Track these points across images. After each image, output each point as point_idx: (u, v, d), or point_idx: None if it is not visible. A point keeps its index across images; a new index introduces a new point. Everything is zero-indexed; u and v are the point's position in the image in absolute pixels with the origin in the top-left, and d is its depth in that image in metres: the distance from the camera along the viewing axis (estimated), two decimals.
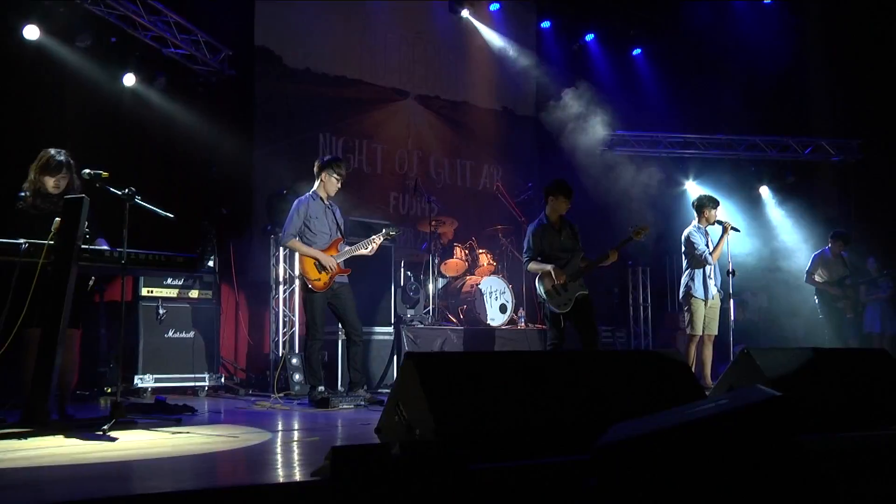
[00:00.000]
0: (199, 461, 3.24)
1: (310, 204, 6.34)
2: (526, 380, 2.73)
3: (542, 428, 2.58)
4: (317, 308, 6.20)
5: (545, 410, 2.68)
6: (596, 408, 2.73)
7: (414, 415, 2.58)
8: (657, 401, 2.76)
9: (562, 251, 6.26)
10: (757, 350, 3.54)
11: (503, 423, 2.57)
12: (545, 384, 2.74)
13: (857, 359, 4.13)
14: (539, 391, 2.72)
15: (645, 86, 12.42)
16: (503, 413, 2.60)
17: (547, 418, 2.65)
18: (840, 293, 9.01)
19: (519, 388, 2.70)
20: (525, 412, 2.64)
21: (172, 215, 4.90)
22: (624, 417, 2.46)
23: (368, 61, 11.01)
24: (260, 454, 3.45)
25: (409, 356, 2.67)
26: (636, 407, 2.66)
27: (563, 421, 2.64)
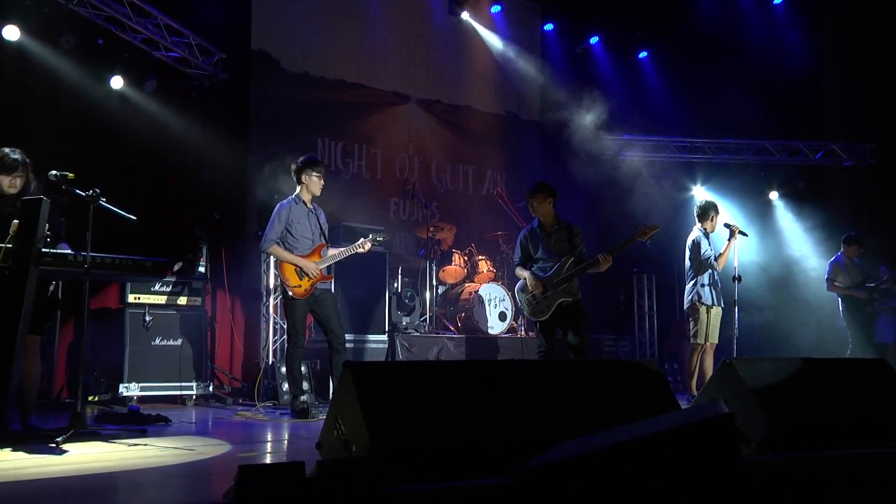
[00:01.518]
0: (126, 478, 3.08)
1: (292, 208, 6.16)
2: (475, 392, 2.52)
3: (491, 445, 2.36)
4: (297, 315, 6.01)
5: (495, 426, 2.47)
6: (551, 423, 2.51)
7: (351, 429, 2.37)
8: (623, 414, 2.54)
9: (550, 255, 6.02)
10: (740, 360, 3.30)
11: (447, 439, 2.35)
12: (497, 397, 2.53)
13: (854, 369, 3.87)
14: (490, 405, 2.50)
15: (651, 89, 12.17)
16: (448, 429, 2.38)
17: (497, 434, 2.43)
18: (867, 296, 8.67)
19: (467, 402, 2.49)
20: (472, 428, 2.43)
21: (135, 217, 4.72)
22: (582, 433, 2.25)
23: (368, 65, 10.84)
24: (194, 471, 3.26)
25: (346, 365, 2.47)
26: (598, 422, 2.43)
27: (515, 438, 2.43)
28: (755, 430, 3.11)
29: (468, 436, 2.40)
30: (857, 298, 8.61)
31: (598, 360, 5.09)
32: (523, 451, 2.20)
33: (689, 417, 1.75)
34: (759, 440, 3.09)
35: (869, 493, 3.32)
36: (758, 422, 3.10)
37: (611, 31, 12.00)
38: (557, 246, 6.04)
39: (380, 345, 8.16)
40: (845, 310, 8.69)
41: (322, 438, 2.59)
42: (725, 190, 11.89)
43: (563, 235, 6.07)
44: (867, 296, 8.58)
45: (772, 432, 3.08)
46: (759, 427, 3.10)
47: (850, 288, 8.67)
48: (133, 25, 7.64)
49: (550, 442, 2.15)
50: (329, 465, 1.95)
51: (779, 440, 3.14)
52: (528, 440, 2.36)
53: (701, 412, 1.86)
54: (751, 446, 3.11)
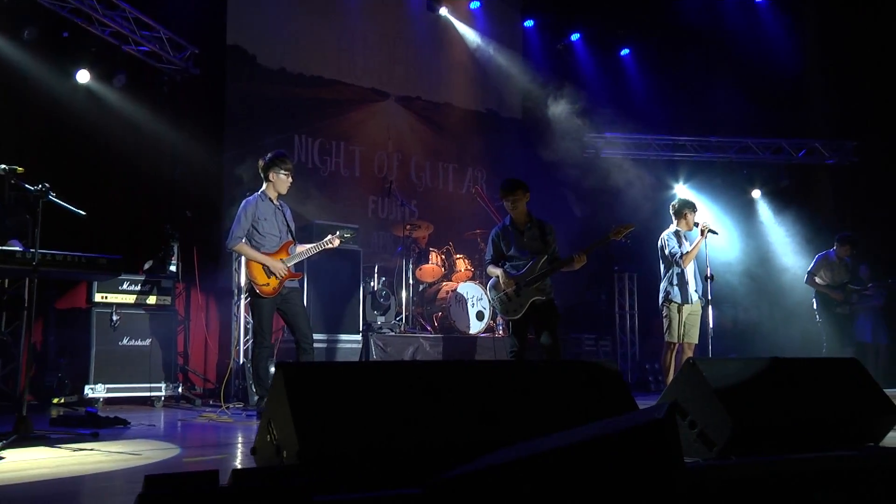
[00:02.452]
0: (48, 487, 2.90)
1: (258, 205, 6.01)
2: (417, 396, 2.38)
3: (431, 452, 2.23)
4: (264, 314, 5.86)
5: (437, 432, 2.33)
6: (497, 428, 2.37)
7: (282, 434, 2.23)
8: (575, 418, 2.41)
9: (523, 253, 5.88)
10: (704, 360, 3.17)
11: (384, 446, 2.22)
12: (440, 400, 2.39)
13: (824, 369, 3.75)
14: (432, 409, 2.36)
15: (634, 87, 12.08)
16: (385, 435, 2.24)
17: (438, 441, 2.30)
18: (841, 297, 8.59)
19: (407, 406, 2.35)
20: (412, 434, 2.29)
21: (84, 213, 4.54)
22: (529, 438, 2.11)
23: (346, 61, 10.70)
24: (122, 478, 3.10)
25: (278, 366, 2.33)
26: (547, 426, 2.30)
27: (457, 444, 2.29)
28: (718, 432, 2.98)
29: (407, 442, 2.26)
30: (831, 298, 8.55)
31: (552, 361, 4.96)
32: (464, 459, 2.06)
33: (622, 424, 1.62)
34: (722, 443, 2.96)
35: (840, 499, 3.20)
36: (721, 424, 2.97)
37: (592, 28, 11.90)
38: (530, 244, 5.91)
39: (353, 345, 8.02)
40: (819, 307, 8.65)
41: (256, 444, 2.45)
42: (708, 188, 11.81)
43: (535, 233, 5.93)
44: (841, 297, 8.49)
45: (736, 435, 2.95)
46: (722, 430, 2.97)
47: (827, 286, 8.58)
48: (100, 18, 7.47)
49: (494, 448, 2.02)
50: (245, 473, 1.80)
51: (743, 443, 3.02)
52: (470, 447, 2.22)
53: (638, 418, 1.73)
54: (714, 450, 2.98)
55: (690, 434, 3.06)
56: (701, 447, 3.02)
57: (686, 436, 3.08)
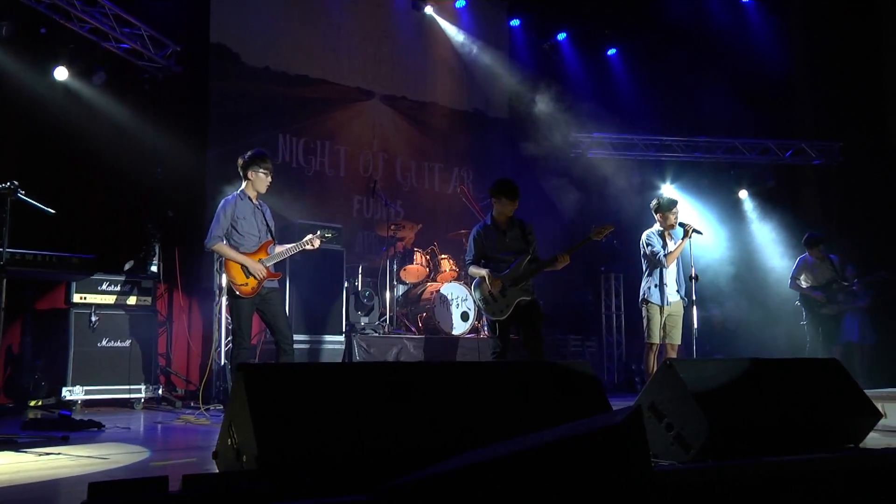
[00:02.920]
0: None
1: (237, 204, 5.93)
2: (384, 398, 2.32)
3: (396, 457, 2.16)
4: (243, 315, 5.77)
5: (403, 435, 2.26)
6: (465, 432, 2.31)
7: (243, 438, 2.16)
8: (545, 419, 2.34)
9: (506, 253, 5.82)
10: (681, 361, 3.12)
11: (348, 451, 2.15)
12: (407, 403, 2.32)
13: (804, 370, 3.70)
14: (398, 412, 2.30)
15: (620, 87, 12.05)
16: (349, 439, 2.18)
17: (404, 445, 2.23)
18: (823, 298, 8.57)
19: (373, 409, 2.28)
20: (377, 438, 2.22)
21: (54, 211, 4.46)
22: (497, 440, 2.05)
23: (331, 60, 10.61)
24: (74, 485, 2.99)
25: (239, 367, 2.26)
26: (516, 428, 2.24)
27: (423, 448, 2.23)
28: (695, 435, 2.92)
29: (371, 446, 2.20)
30: (814, 299, 8.55)
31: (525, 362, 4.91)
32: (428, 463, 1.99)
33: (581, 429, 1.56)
34: (698, 446, 2.91)
35: (817, 502, 3.15)
36: (698, 427, 2.92)
37: (579, 28, 11.86)
38: (513, 244, 5.85)
39: (336, 345, 7.95)
40: (803, 309, 8.68)
41: (218, 447, 2.38)
42: (695, 188, 11.79)
43: (517, 233, 5.88)
44: (823, 299, 8.49)
45: (712, 437, 2.90)
46: (699, 432, 2.91)
47: (810, 288, 8.60)
48: (79, 15, 7.36)
49: (461, 451, 1.96)
50: (196, 479, 1.74)
51: (720, 446, 2.96)
52: (436, 451, 2.16)
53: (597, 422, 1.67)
54: (690, 453, 2.92)
55: (667, 436, 3.01)
56: (678, 450, 2.97)
57: (663, 438, 3.03)
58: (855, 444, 3.72)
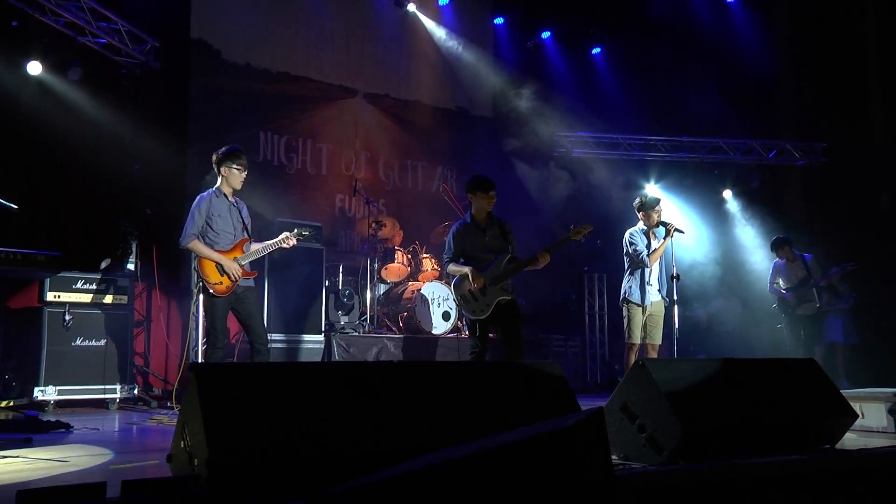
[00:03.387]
0: None
1: (212, 201, 5.83)
2: (342, 399, 2.24)
3: (353, 460, 2.09)
4: (217, 314, 5.68)
5: (361, 438, 2.19)
6: (425, 433, 2.23)
7: (195, 441, 2.09)
8: (510, 421, 2.27)
9: (485, 252, 5.76)
10: (654, 362, 3.06)
11: (302, 454, 2.07)
12: (367, 405, 2.25)
13: (780, 370, 3.65)
14: (357, 413, 2.22)
15: (605, 86, 12.01)
16: (304, 442, 2.10)
17: (361, 448, 2.16)
18: (794, 299, 8.60)
19: (330, 410, 2.21)
20: (333, 439, 2.15)
21: (16, 206, 4.35)
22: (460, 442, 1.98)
23: (314, 57, 10.52)
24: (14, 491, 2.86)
25: (191, 368, 2.18)
26: (480, 430, 2.17)
27: (381, 451, 2.15)
28: (667, 437, 2.86)
29: (329, 449, 2.12)
30: (786, 301, 8.62)
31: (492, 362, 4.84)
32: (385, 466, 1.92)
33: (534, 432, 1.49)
34: (670, 448, 2.85)
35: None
36: (670, 428, 2.86)
37: (563, 27, 11.81)
38: (492, 243, 5.78)
39: (316, 345, 7.87)
40: (779, 312, 8.76)
41: (172, 450, 2.30)
42: (679, 188, 11.78)
43: (497, 232, 5.81)
44: (794, 300, 8.54)
45: (685, 439, 2.84)
46: (671, 434, 2.85)
47: (787, 289, 8.65)
48: (53, 8, 7.24)
49: (420, 454, 1.89)
50: (135, 485, 1.65)
51: (693, 448, 2.90)
52: (396, 453, 2.09)
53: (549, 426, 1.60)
54: (662, 455, 2.86)
55: (640, 438, 2.95)
56: (650, 451, 2.91)
57: (635, 440, 2.97)
58: (831, 444, 3.68)
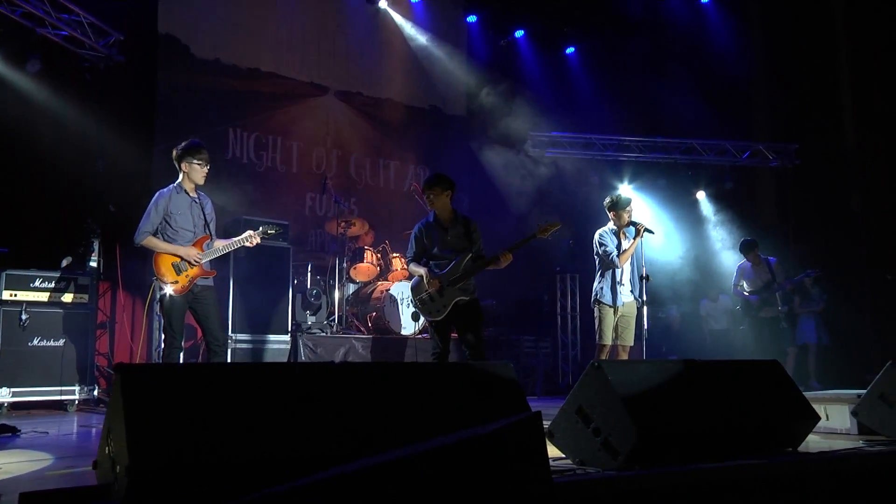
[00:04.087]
0: None
1: (172, 198, 5.67)
2: (278, 402, 2.13)
3: (286, 464, 1.98)
4: (174, 313, 5.52)
5: (294, 442, 2.08)
6: (366, 436, 2.13)
7: (119, 447, 1.97)
8: (456, 424, 2.18)
9: (447, 252, 5.65)
10: (610, 363, 2.97)
11: (233, 459, 1.96)
12: (304, 407, 2.14)
13: (742, 372, 3.58)
14: (293, 417, 2.11)
15: (579, 86, 11.96)
16: (236, 446, 1.99)
17: (294, 452, 2.05)
18: (759, 302, 8.58)
19: (264, 412, 2.10)
20: (267, 444, 2.04)
21: None
22: (400, 445, 1.88)
23: (285, 54, 10.39)
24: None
25: (115, 368, 2.07)
26: (422, 433, 2.07)
27: (317, 454, 2.05)
28: (622, 441, 2.78)
29: (261, 454, 2.01)
30: (749, 304, 8.60)
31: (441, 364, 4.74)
32: (320, 470, 1.81)
33: (463, 436, 1.40)
34: (626, 453, 2.76)
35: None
36: (625, 432, 2.77)
37: (537, 25, 11.74)
38: (454, 242, 5.67)
39: (282, 345, 7.73)
40: (743, 314, 8.76)
41: (98, 456, 2.18)
42: (653, 189, 11.76)
43: (460, 231, 5.70)
44: (758, 303, 8.54)
45: (641, 444, 2.75)
46: (626, 438, 2.77)
47: (751, 292, 8.63)
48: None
49: (357, 458, 1.78)
50: (33, 497, 1.54)
51: (650, 452, 2.82)
52: (331, 458, 1.98)
53: (477, 430, 1.51)
54: (617, 459, 2.78)
55: (594, 442, 2.86)
56: (605, 456, 2.82)
57: (590, 444, 2.89)
58: (793, 447, 3.62)
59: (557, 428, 2.99)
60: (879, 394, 4.31)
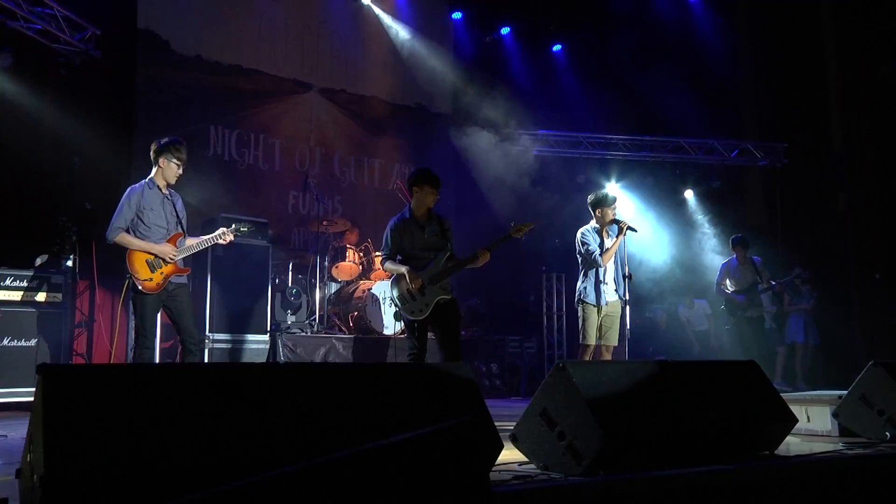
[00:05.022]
0: None
1: (144, 193, 5.55)
2: (211, 403, 2.01)
3: (218, 469, 1.86)
4: (147, 312, 5.40)
5: (232, 445, 1.96)
6: (308, 440, 2.01)
7: (37, 454, 1.85)
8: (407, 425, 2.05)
9: (425, 250, 5.52)
10: (576, 363, 2.85)
11: (161, 467, 1.84)
12: (240, 409, 2.02)
13: (717, 373, 3.47)
14: (229, 419, 1.99)
15: (566, 83, 11.85)
16: (165, 453, 1.87)
17: (232, 456, 1.93)
18: (745, 302, 8.40)
19: (198, 416, 1.98)
20: (201, 449, 1.92)
21: None
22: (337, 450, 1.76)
23: (267, 50, 10.25)
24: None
25: (38, 369, 1.95)
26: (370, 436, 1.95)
27: (252, 459, 1.93)
28: (588, 445, 2.66)
29: (194, 461, 1.89)
30: (735, 303, 8.40)
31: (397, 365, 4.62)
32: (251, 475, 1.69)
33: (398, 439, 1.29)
34: (590, 457, 2.64)
35: None
36: (591, 436, 2.65)
37: (523, 23, 11.62)
38: (431, 240, 5.55)
39: (260, 345, 7.62)
40: (728, 314, 8.57)
41: (21, 464, 2.06)
42: (640, 187, 11.66)
43: (436, 229, 5.58)
44: (745, 302, 8.35)
45: (607, 448, 2.64)
46: (591, 442, 2.65)
47: (734, 292, 8.47)
48: None
49: (296, 462, 1.67)
50: None
51: (616, 457, 2.71)
52: (271, 462, 1.87)
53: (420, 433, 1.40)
54: (582, 465, 2.66)
55: (559, 446, 2.74)
56: (570, 461, 2.70)
57: (554, 448, 2.77)
58: (770, 450, 3.51)
59: (521, 431, 2.88)
60: (860, 395, 4.21)
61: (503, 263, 10.41)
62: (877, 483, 3.31)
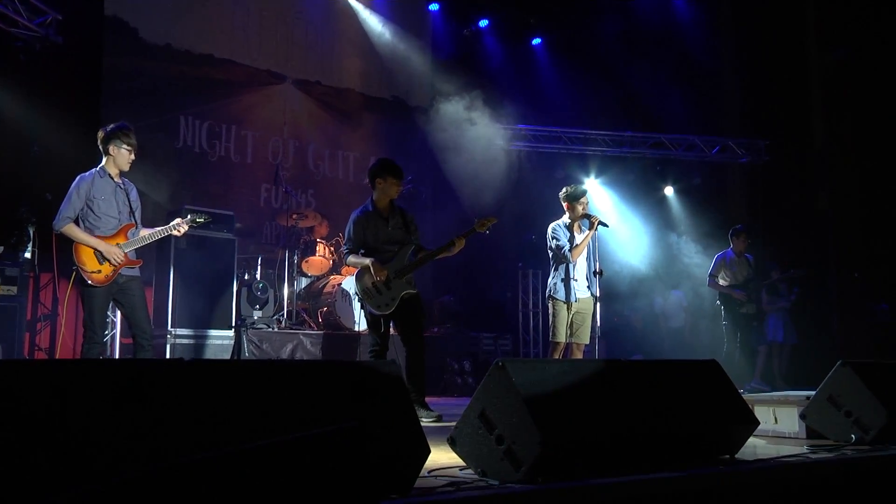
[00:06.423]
0: None
1: (94, 181, 5.32)
2: (122, 400, 1.83)
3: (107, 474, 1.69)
4: (95, 306, 5.19)
5: (120, 448, 1.78)
6: (210, 441, 1.82)
7: None
8: (319, 425, 1.87)
9: (388, 243, 5.36)
10: (516, 362, 2.68)
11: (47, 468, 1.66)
12: (150, 407, 1.84)
13: (676, 373, 3.30)
14: (141, 416, 1.82)
15: (545, 78, 11.68)
16: (43, 451, 1.69)
17: (119, 459, 1.75)
18: (745, 297, 8.10)
19: (107, 413, 1.79)
20: (86, 453, 1.74)
21: None
22: None
23: (240, 40, 10.05)
24: None
25: None
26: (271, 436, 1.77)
27: (140, 459, 1.75)
28: (527, 450, 2.49)
29: (73, 462, 1.71)
30: (734, 299, 8.06)
31: (316, 362, 4.45)
32: None
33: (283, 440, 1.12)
34: (529, 463, 2.47)
35: None
36: (530, 440, 2.48)
37: (502, 15, 11.44)
38: (394, 233, 5.39)
39: (225, 341, 7.42)
40: (724, 309, 8.17)
41: None
42: (620, 184, 11.53)
43: (399, 222, 5.42)
44: (745, 297, 8.02)
45: (547, 453, 2.46)
46: (531, 446, 2.48)
47: (730, 286, 8.13)
48: None
49: None
50: None
51: (557, 463, 2.53)
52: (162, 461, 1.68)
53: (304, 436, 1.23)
54: (520, 471, 2.49)
55: (497, 451, 2.57)
56: (507, 467, 2.53)
57: (493, 453, 2.59)
58: (731, 454, 3.34)
59: (460, 434, 2.70)
60: (828, 396, 4.05)
61: (478, 260, 10.26)
62: (836, 489, 3.15)
